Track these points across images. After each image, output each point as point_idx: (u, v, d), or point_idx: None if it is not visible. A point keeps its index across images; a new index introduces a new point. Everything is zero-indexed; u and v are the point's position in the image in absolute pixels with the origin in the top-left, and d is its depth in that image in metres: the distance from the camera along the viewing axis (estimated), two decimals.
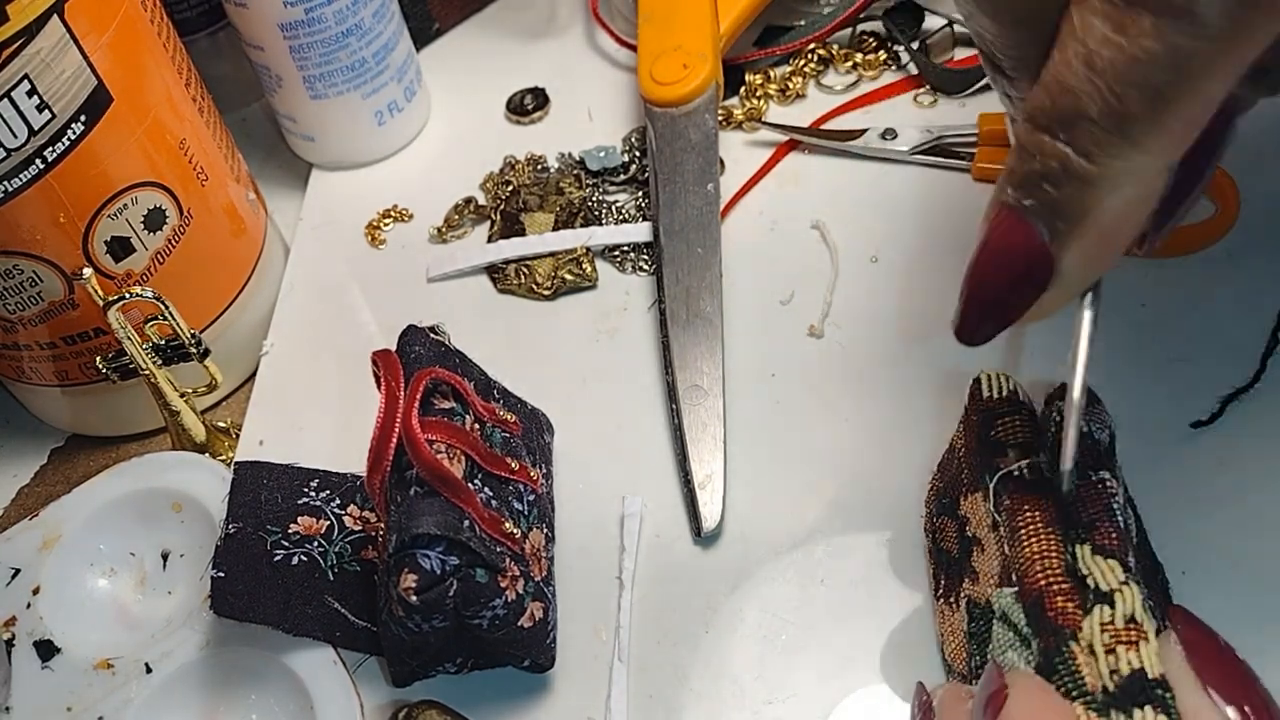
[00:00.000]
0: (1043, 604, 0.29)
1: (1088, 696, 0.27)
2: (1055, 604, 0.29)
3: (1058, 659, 0.28)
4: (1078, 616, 0.29)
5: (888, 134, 0.52)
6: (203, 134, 0.47)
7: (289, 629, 0.39)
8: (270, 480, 0.42)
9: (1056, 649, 0.28)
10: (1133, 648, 0.28)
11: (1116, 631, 0.28)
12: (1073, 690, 0.28)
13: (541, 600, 0.38)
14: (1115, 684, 0.27)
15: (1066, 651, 0.28)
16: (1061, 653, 0.28)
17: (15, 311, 0.44)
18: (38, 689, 0.40)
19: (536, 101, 0.59)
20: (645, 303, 0.50)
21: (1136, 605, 0.28)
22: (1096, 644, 0.28)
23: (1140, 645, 0.28)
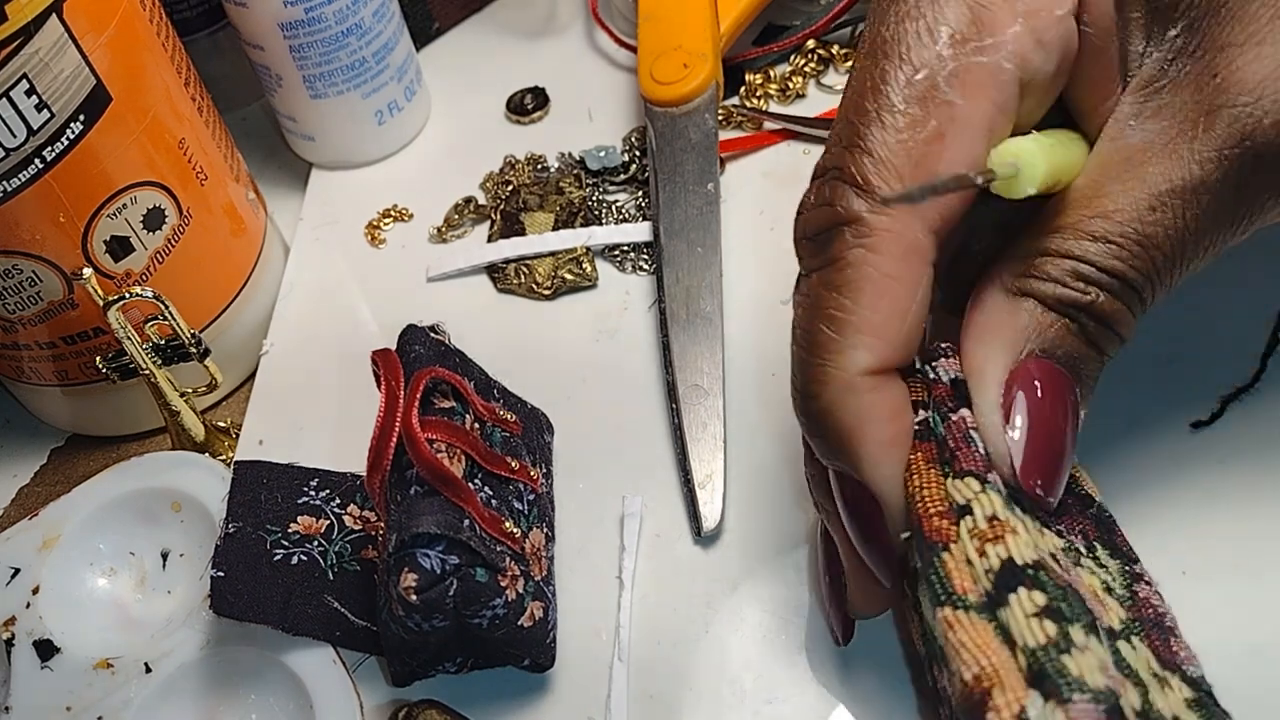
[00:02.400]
0: (921, 529, 0.29)
1: (954, 598, 0.28)
2: (931, 524, 0.29)
3: (930, 571, 0.29)
4: (951, 532, 0.29)
5: None
6: (202, 133, 0.47)
7: (289, 629, 0.39)
8: (270, 480, 0.42)
9: (930, 564, 0.29)
10: (998, 542, 0.28)
11: (982, 533, 0.28)
12: (941, 596, 0.28)
13: (541, 600, 0.38)
14: (990, 582, 0.28)
15: (937, 562, 0.29)
16: (933, 564, 0.29)
17: (15, 311, 0.44)
18: (37, 689, 0.40)
19: (536, 101, 0.59)
20: (645, 303, 0.50)
21: (997, 505, 0.29)
22: (970, 553, 0.28)
23: (1006, 538, 0.28)
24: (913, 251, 0.30)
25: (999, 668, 0.27)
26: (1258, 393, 0.41)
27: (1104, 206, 0.30)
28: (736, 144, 0.54)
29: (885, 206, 0.29)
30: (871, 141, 0.30)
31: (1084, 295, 0.30)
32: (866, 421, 0.30)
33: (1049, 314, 0.30)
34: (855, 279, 0.30)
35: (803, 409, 0.31)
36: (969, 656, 0.27)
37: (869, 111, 0.30)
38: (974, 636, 0.27)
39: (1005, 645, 0.27)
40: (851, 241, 0.30)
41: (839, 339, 0.30)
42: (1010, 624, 0.27)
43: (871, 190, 0.29)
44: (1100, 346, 0.30)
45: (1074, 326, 0.30)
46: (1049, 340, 0.30)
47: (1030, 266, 0.30)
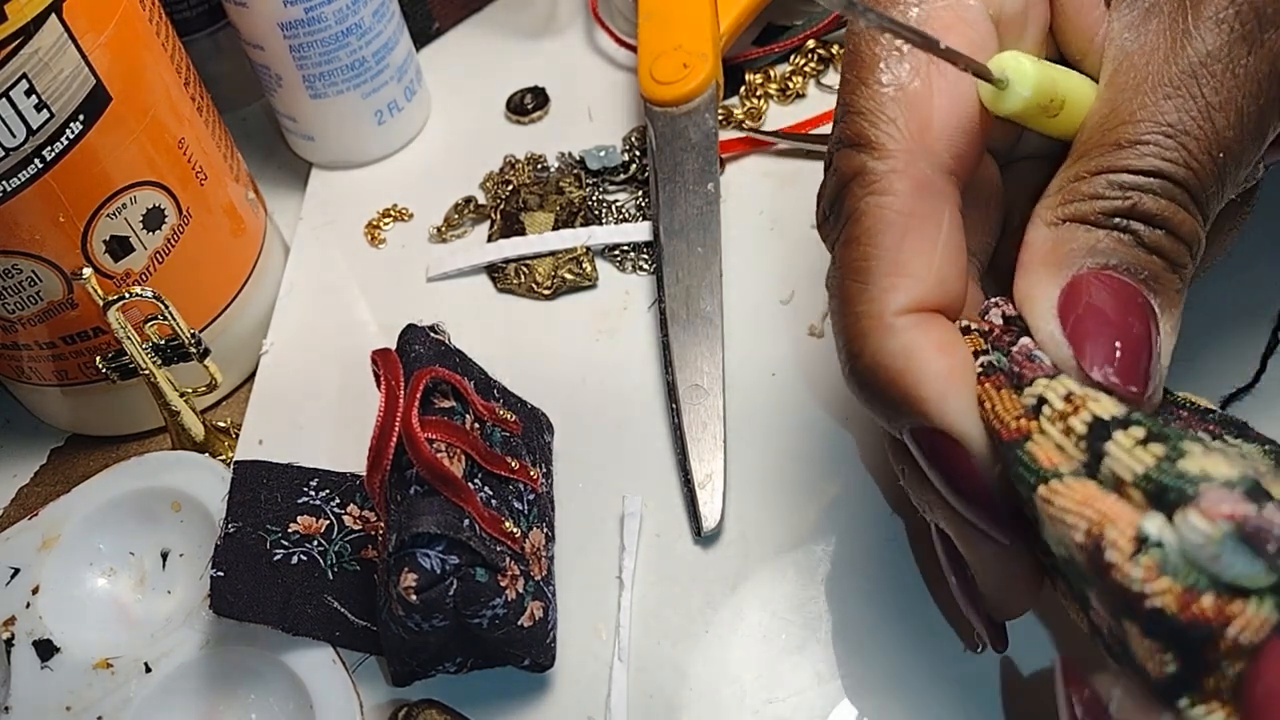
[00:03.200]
0: (1002, 440, 0.28)
1: (1044, 473, 0.26)
2: (1009, 429, 0.28)
3: (1017, 467, 0.27)
4: (1029, 426, 0.27)
5: None
6: (202, 133, 0.47)
7: (289, 628, 0.39)
8: (270, 479, 0.42)
9: (1013, 462, 0.27)
10: (1079, 411, 0.26)
11: (1061, 412, 0.27)
12: (1031, 481, 0.26)
13: (541, 600, 0.38)
14: (1082, 450, 0.26)
15: (1021, 454, 0.27)
16: (1018, 458, 0.27)
17: (15, 311, 0.44)
18: (37, 688, 0.40)
19: (536, 101, 0.59)
20: (645, 302, 0.50)
21: (1071, 385, 0.27)
22: (1055, 435, 0.27)
23: (1087, 404, 0.26)
24: (926, 188, 0.29)
25: (1106, 511, 0.24)
26: (1258, 393, 0.41)
27: (1122, 115, 0.29)
28: (737, 144, 0.54)
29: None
30: (862, 101, 0.30)
31: (1124, 200, 0.28)
32: (916, 359, 0.29)
33: (1095, 231, 0.29)
34: (871, 225, 0.29)
35: (852, 375, 0.30)
36: (1074, 518, 0.25)
37: (853, 81, 0.30)
38: (1074, 495, 0.25)
39: (1112, 493, 0.25)
40: (860, 193, 0.30)
41: (868, 287, 0.29)
42: (1114, 468, 0.25)
43: (868, 142, 0.30)
44: (1164, 253, 0.29)
45: (1126, 237, 0.29)
46: (1101, 253, 0.29)
47: (1066, 193, 0.29)
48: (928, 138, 0.30)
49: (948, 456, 0.29)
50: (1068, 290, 0.29)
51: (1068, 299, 0.28)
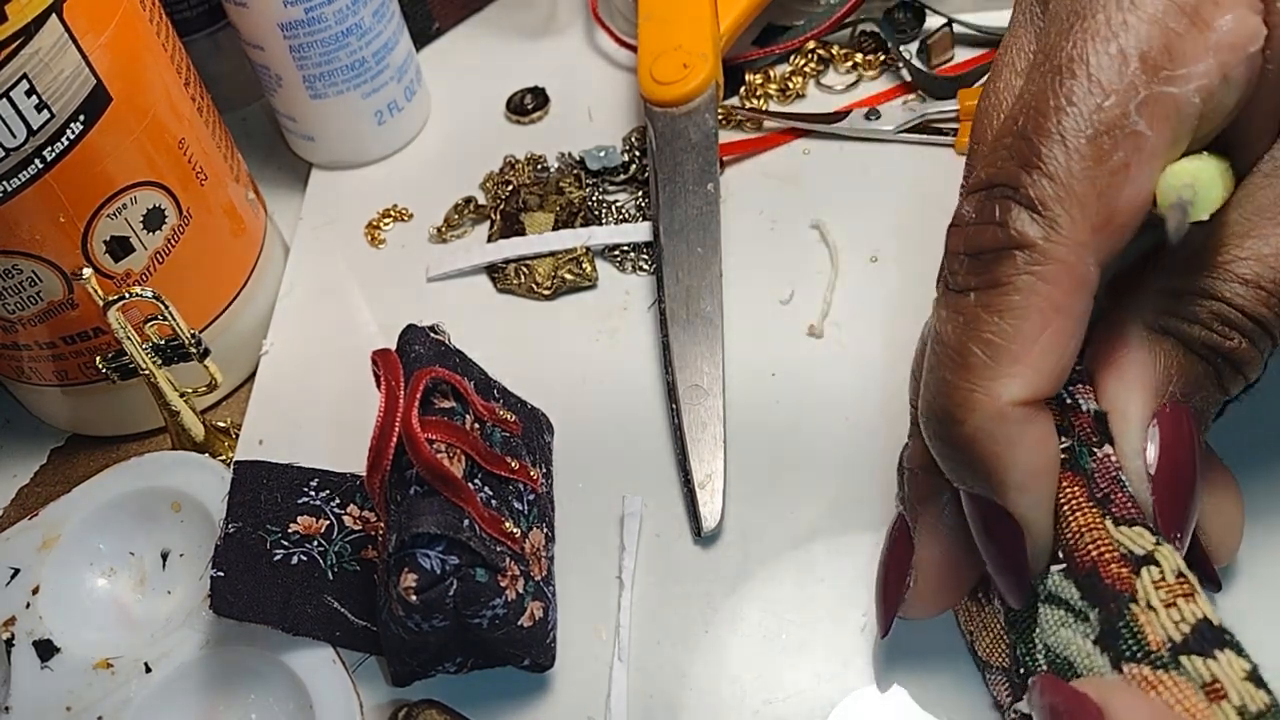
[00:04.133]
0: (1098, 573, 0.29)
1: (1151, 655, 0.27)
2: (1110, 571, 0.29)
3: (1120, 623, 0.28)
4: (1132, 580, 0.28)
5: (871, 115, 0.53)
6: (202, 134, 0.47)
7: (289, 628, 0.39)
8: (270, 480, 0.42)
9: (1119, 613, 0.28)
10: (1191, 599, 0.28)
11: (1170, 587, 0.28)
12: (1137, 652, 0.27)
13: (541, 600, 0.38)
14: (1183, 634, 0.27)
15: (1128, 614, 0.28)
16: (1124, 616, 0.28)
17: (15, 311, 0.44)
18: (37, 689, 0.40)
19: (536, 101, 0.59)
20: (645, 303, 0.50)
21: (1179, 561, 0.28)
22: (1155, 602, 0.28)
23: (1197, 597, 0.28)
24: (1082, 284, 0.28)
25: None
26: (1258, 393, 0.41)
27: (1256, 249, 0.29)
28: (737, 146, 0.54)
29: None
30: (1054, 165, 0.28)
31: (1226, 340, 0.30)
32: (1016, 450, 0.29)
33: (1190, 356, 0.30)
34: (1022, 307, 0.28)
35: (942, 432, 0.30)
36: (1159, 710, 0.27)
37: (1051, 132, 0.28)
38: (1182, 699, 0.27)
39: (1206, 701, 0.26)
40: (1022, 268, 0.28)
41: (994, 366, 0.29)
42: (1221, 680, 0.26)
43: (1050, 218, 0.28)
44: (1227, 388, 0.31)
45: (1212, 371, 0.30)
46: (1189, 384, 0.30)
47: (1175, 305, 0.30)
48: (1106, 231, 0.28)
49: (1005, 535, 0.30)
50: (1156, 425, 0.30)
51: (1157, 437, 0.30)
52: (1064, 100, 0.28)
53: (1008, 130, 0.29)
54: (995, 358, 0.29)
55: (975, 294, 0.29)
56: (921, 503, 0.34)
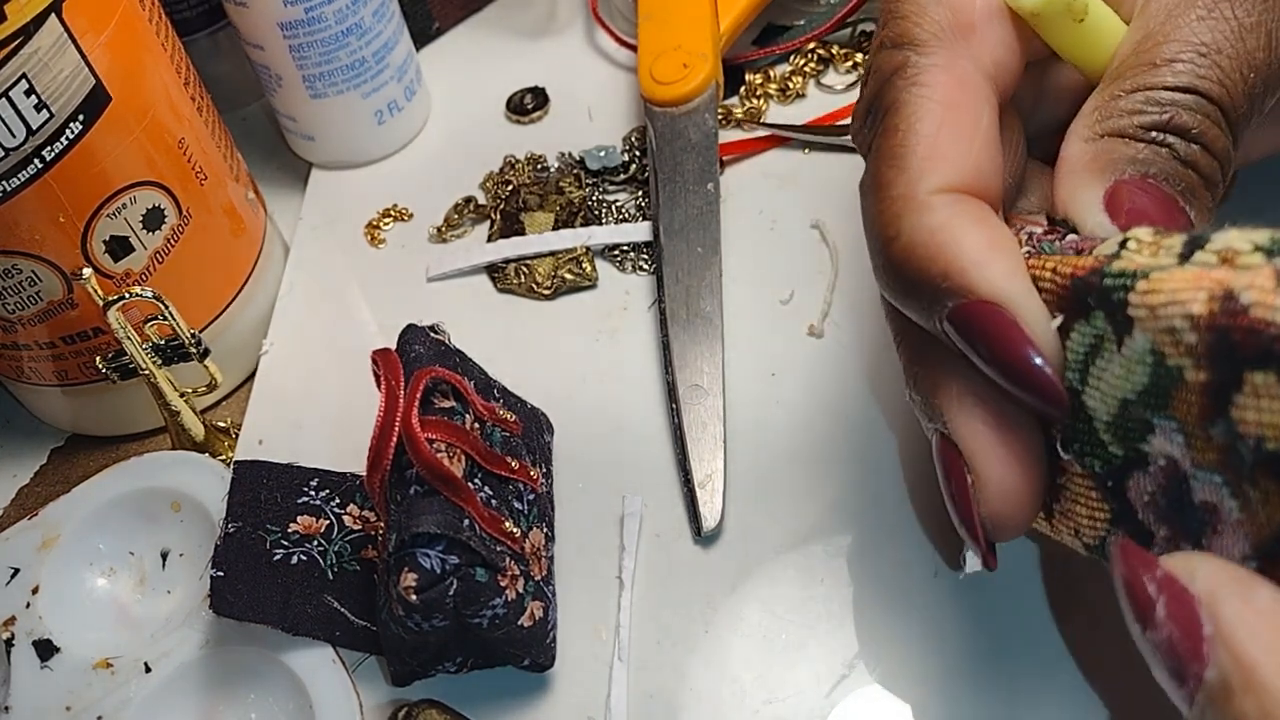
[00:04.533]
0: (1080, 279, 0.27)
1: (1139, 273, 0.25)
2: (1086, 267, 0.27)
3: (1106, 279, 0.26)
4: (1109, 261, 0.26)
5: None
6: (202, 133, 0.47)
7: (288, 628, 0.39)
8: (270, 479, 0.42)
9: (1102, 279, 0.26)
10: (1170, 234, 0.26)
11: (1152, 243, 0.26)
12: (1126, 283, 0.25)
13: (541, 600, 0.38)
14: (1176, 254, 0.25)
15: (1111, 269, 0.26)
16: (1106, 273, 0.26)
17: (15, 311, 0.44)
18: (37, 688, 0.40)
19: (536, 101, 0.59)
20: (645, 303, 0.50)
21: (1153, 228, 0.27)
22: (1139, 255, 0.26)
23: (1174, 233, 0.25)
24: (967, 83, 0.30)
25: (1221, 278, 0.23)
26: None
27: (1157, 38, 0.30)
28: (737, 146, 0.54)
29: None
30: (903, 5, 0.31)
31: (1161, 114, 0.29)
32: (955, 230, 0.28)
33: (1134, 144, 0.29)
34: (910, 113, 0.30)
35: (885, 262, 0.29)
36: (1188, 293, 0.24)
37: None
38: (1183, 276, 0.24)
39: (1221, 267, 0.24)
40: (901, 84, 0.30)
41: (904, 170, 0.29)
42: (1227, 244, 0.24)
43: (911, 40, 0.30)
44: (1199, 168, 0.29)
45: (1164, 150, 0.29)
46: (1142, 163, 0.29)
47: (1103, 111, 0.30)
48: (971, 39, 0.30)
49: (995, 325, 0.27)
50: (1112, 192, 0.29)
51: (1112, 199, 0.29)
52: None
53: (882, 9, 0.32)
54: (903, 163, 0.29)
55: (878, 129, 0.31)
56: (935, 393, 0.31)
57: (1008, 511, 0.29)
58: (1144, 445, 0.26)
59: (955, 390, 0.30)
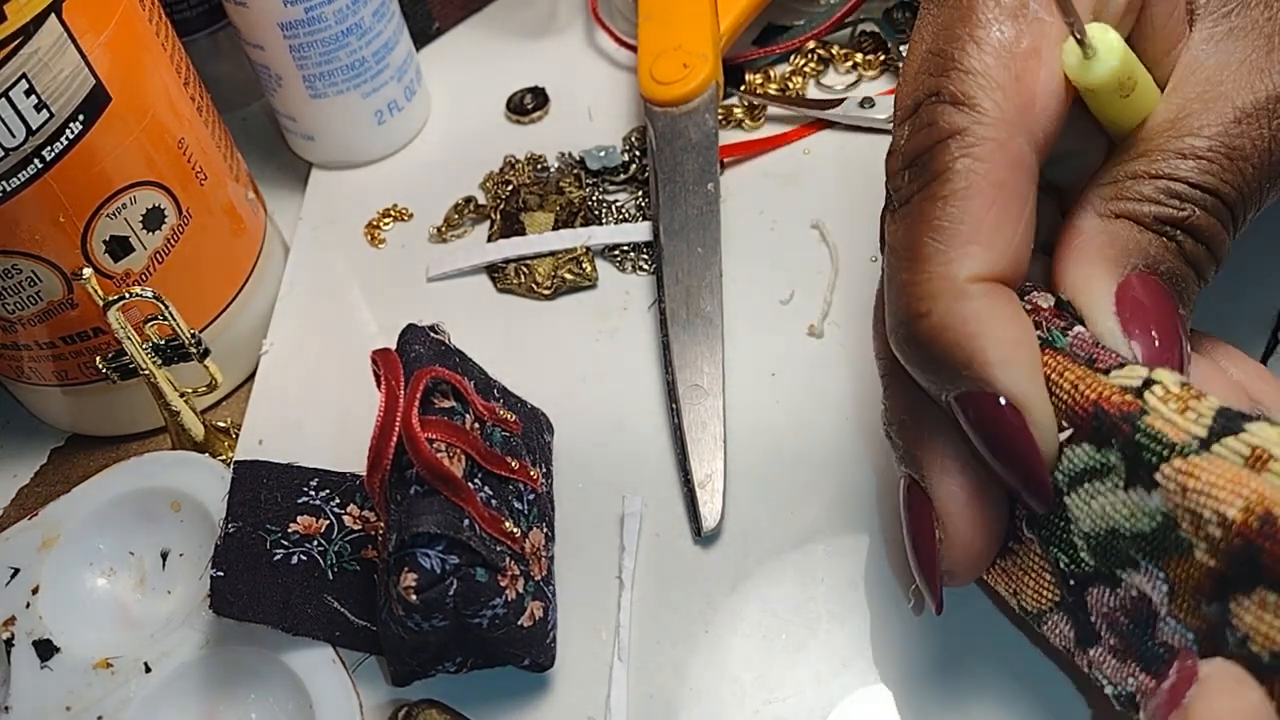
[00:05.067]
0: (1103, 409, 0.28)
1: (1178, 448, 0.26)
2: (1113, 402, 0.28)
3: (1139, 435, 0.27)
4: (1137, 403, 0.27)
5: (865, 103, 0.53)
6: (202, 133, 0.47)
7: (288, 628, 0.39)
8: (270, 479, 0.42)
9: (1134, 430, 0.27)
10: (1202, 399, 0.27)
11: (1179, 396, 0.27)
12: (1164, 452, 0.26)
13: (541, 599, 0.38)
14: (1206, 427, 0.26)
15: (1144, 424, 0.27)
16: (1139, 429, 0.27)
17: (15, 311, 0.44)
18: (37, 688, 0.40)
19: (536, 101, 0.59)
20: (645, 302, 0.50)
21: (1179, 376, 0.28)
22: (1168, 413, 0.27)
23: (1207, 396, 0.27)
24: (1020, 163, 0.29)
25: (1263, 491, 0.24)
26: None
27: (1190, 126, 0.30)
28: (737, 146, 0.54)
29: None
30: (969, 60, 0.30)
31: (1179, 211, 0.29)
32: (987, 324, 0.29)
33: (1146, 233, 0.30)
34: (963, 187, 0.29)
35: (909, 333, 0.30)
36: (1226, 493, 0.25)
37: (960, 36, 0.30)
38: (1222, 472, 0.25)
39: (1253, 472, 0.25)
40: (956, 153, 0.29)
41: (947, 249, 0.29)
42: (1261, 445, 0.25)
43: (974, 105, 0.29)
44: (1198, 267, 0.30)
45: (1172, 245, 0.30)
46: (1151, 256, 0.30)
47: (1122, 189, 0.30)
48: (1031, 112, 0.30)
49: (1005, 421, 0.29)
50: (1121, 289, 0.30)
51: (1121, 298, 0.29)
52: (969, 11, 0.30)
53: (922, 58, 0.31)
54: (947, 240, 0.29)
55: (919, 193, 0.30)
56: (919, 446, 0.32)
57: (966, 569, 0.32)
58: (1121, 572, 0.29)
59: (939, 451, 0.32)
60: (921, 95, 0.30)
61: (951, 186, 0.29)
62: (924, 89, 0.30)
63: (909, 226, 0.30)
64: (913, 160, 0.30)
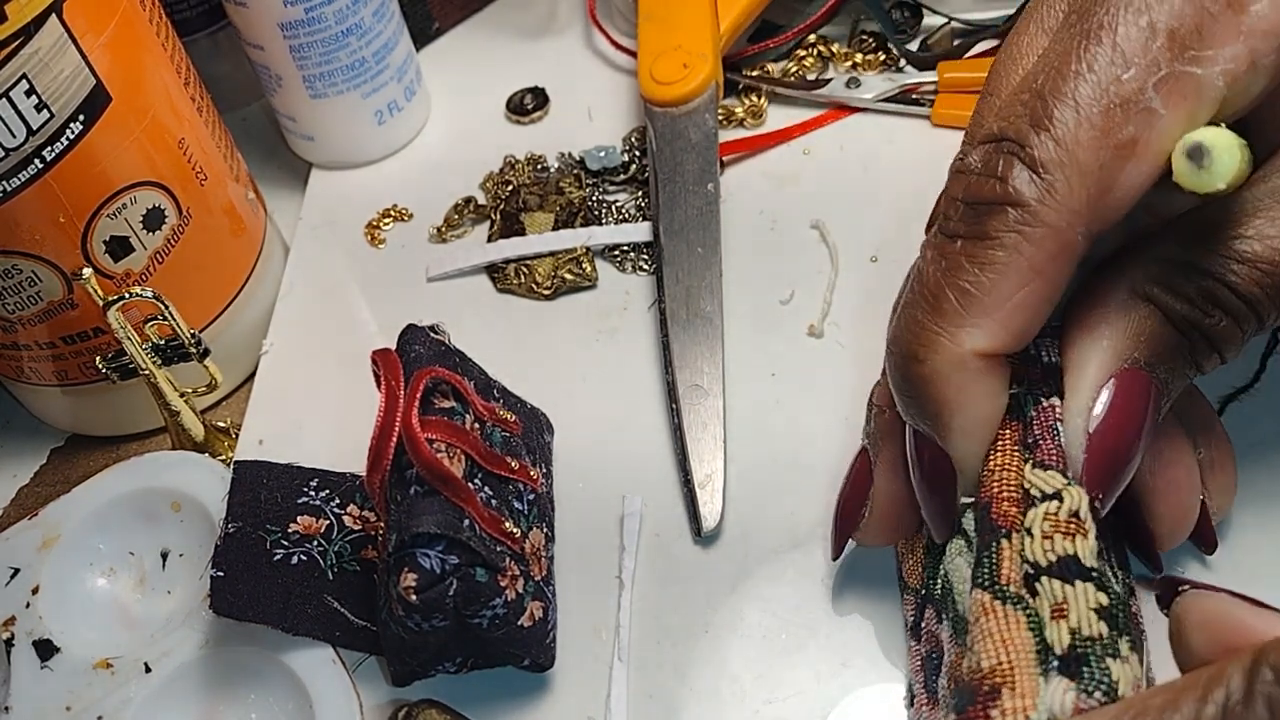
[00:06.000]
0: (990, 508, 0.30)
1: (997, 587, 0.29)
2: (1000, 509, 0.30)
3: (985, 553, 0.29)
4: (1018, 519, 0.30)
5: (852, 83, 0.54)
6: (202, 133, 0.47)
7: (288, 628, 0.39)
8: (270, 480, 0.42)
9: (987, 545, 0.30)
10: (1072, 539, 0.28)
11: (1059, 522, 0.29)
12: (983, 579, 0.29)
13: (541, 600, 0.38)
14: (1049, 561, 0.28)
15: (995, 547, 0.29)
16: (990, 548, 0.29)
17: (15, 311, 0.44)
18: (37, 689, 0.40)
19: (536, 101, 0.59)
20: (645, 303, 0.50)
21: (1082, 505, 0.29)
22: (1036, 529, 0.29)
23: (1077, 538, 0.28)
24: (1066, 250, 0.28)
25: (1016, 666, 0.27)
26: (1257, 393, 0.41)
27: (1261, 229, 0.29)
28: (737, 146, 0.54)
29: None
30: (1062, 129, 0.28)
31: (1208, 318, 0.29)
32: (967, 399, 0.30)
33: (1166, 326, 0.30)
34: (1003, 263, 0.29)
35: (903, 367, 0.31)
36: (993, 647, 0.28)
37: (1066, 96, 0.28)
38: (1003, 629, 0.28)
39: (1034, 636, 0.28)
40: (1011, 225, 0.28)
41: (963, 315, 0.29)
42: (1069, 603, 0.28)
43: (1048, 181, 0.28)
44: (1199, 363, 0.30)
45: (1185, 346, 0.30)
46: (1156, 354, 0.30)
47: (1165, 274, 0.30)
48: (1101, 205, 0.28)
49: (938, 472, 0.32)
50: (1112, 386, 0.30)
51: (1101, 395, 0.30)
52: (1085, 66, 0.28)
53: (1026, 86, 0.29)
54: (967, 307, 0.29)
55: (963, 242, 0.30)
56: (884, 439, 0.35)
57: (872, 539, 0.37)
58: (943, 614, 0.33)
59: (896, 449, 0.35)
60: (1007, 132, 0.29)
61: (993, 257, 0.29)
62: (1011, 129, 0.29)
63: (941, 271, 0.30)
64: (973, 201, 0.29)
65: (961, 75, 0.53)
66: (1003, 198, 0.29)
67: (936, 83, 0.53)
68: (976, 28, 0.55)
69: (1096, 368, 0.30)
